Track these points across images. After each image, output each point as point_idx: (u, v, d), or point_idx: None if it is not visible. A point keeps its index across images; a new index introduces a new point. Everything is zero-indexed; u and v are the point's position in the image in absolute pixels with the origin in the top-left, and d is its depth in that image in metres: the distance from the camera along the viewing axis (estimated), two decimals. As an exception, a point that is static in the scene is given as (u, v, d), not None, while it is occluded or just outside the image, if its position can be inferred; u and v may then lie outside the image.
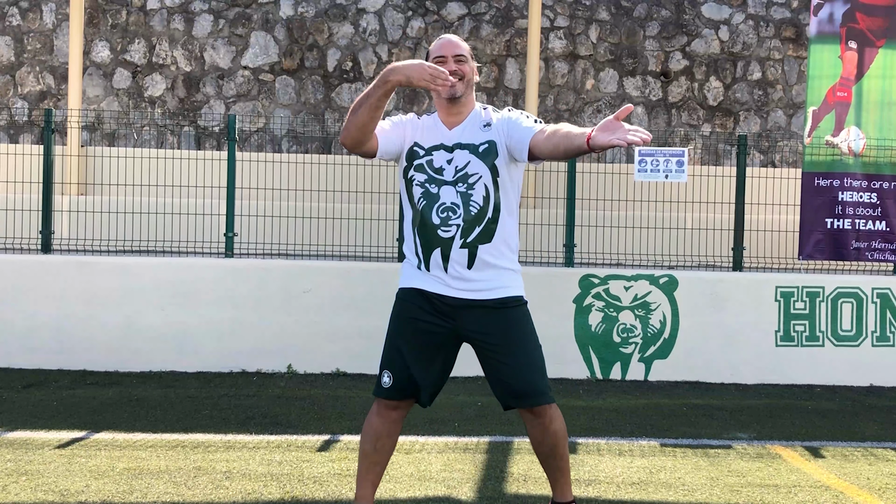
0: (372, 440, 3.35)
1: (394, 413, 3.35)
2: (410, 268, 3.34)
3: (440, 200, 3.21)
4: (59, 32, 10.07)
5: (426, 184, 3.24)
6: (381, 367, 3.34)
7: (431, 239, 3.23)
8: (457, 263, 3.22)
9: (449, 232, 3.21)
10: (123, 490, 4.07)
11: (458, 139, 3.27)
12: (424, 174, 3.24)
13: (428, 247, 3.25)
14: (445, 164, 3.24)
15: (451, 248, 3.22)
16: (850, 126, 7.50)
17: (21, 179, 7.67)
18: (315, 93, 10.18)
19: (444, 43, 3.33)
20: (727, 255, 7.70)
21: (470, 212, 3.21)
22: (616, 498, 4.19)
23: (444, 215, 3.21)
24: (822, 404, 6.52)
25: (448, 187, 3.22)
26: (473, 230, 3.22)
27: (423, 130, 3.32)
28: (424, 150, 3.27)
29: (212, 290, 7.12)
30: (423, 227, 3.24)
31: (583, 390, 6.73)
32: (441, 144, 3.27)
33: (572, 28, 10.33)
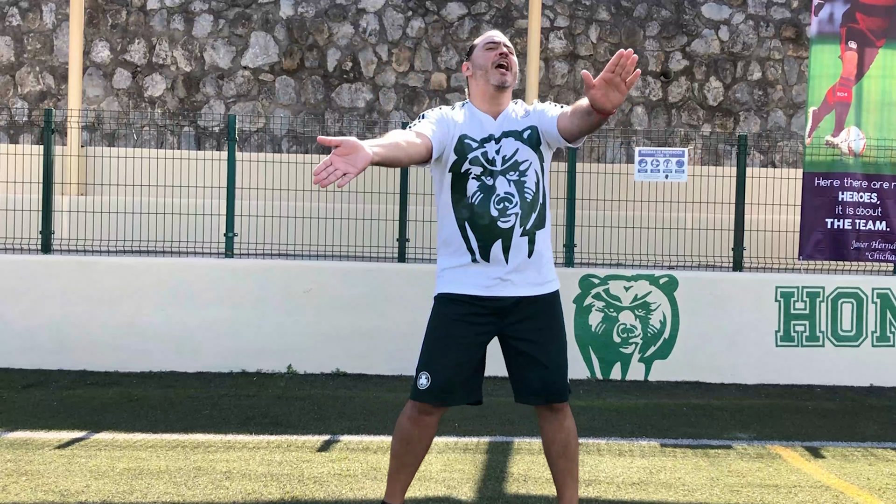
0: (403, 444, 3.29)
1: (427, 418, 3.26)
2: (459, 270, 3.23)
3: (496, 192, 3.17)
4: (59, 32, 10.07)
5: (482, 176, 3.18)
6: (419, 368, 3.23)
7: (490, 232, 3.17)
8: (518, 253, 3.19)
9: (508, 222, 3.17)
10: (123, 490, 4.07)
11: (503, 128, 3.25)
12: (480, 167, 3.19)
13: (486, 240, 3.18)
14: (496, 155, 3.20)
15: (511, 237, 3.17)
16: (851, 126, 7.50)
17: (21, 179, 7.67)
18: (315, 93, 10.18)
19: (496, 33, 3.35)
20: (727, 255, 7.69)
21: (526, 199, 3.19)
22: (616, 498, 4.19)
23: (502, 206, 3.16)
24: (822, 404, 6.52)
25: (501, 177, 3.18)
26: (530, 217, 3.21)
27: (468, 123, 3.26)
28: (476, 141, 3.22)
29: (212, 290, 7.12)
30: (480, 221, 3.17)
31: (583, 390, 6.73)
32: (490, 136, 3.24)
33: (572, 28, 10.33)
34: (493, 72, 3.25)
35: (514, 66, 3.30)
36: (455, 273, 3.25)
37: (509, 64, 3.26)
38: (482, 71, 3.27)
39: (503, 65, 3.24)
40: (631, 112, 10.35)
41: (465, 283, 3.22)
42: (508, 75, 3.25)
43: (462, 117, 3.28)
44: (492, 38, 3.33)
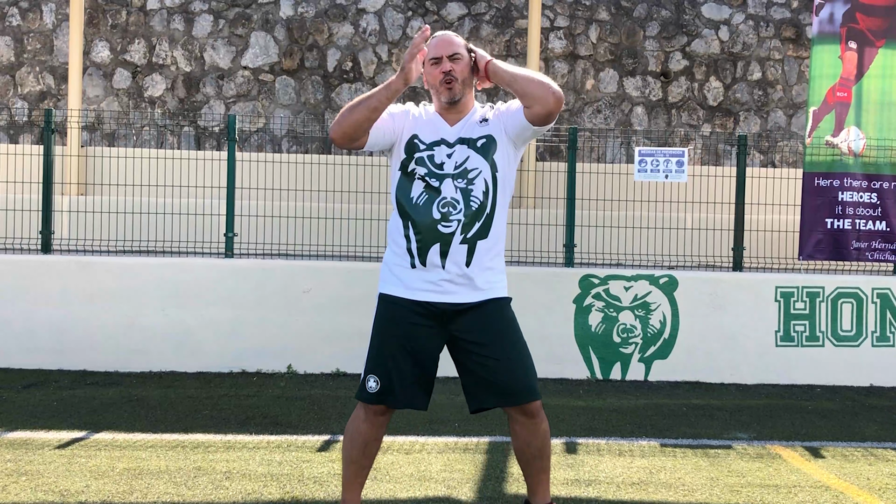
0: (360, 446, 3.30)
1: (381, 418, 3.29)
2: (400, 270, 3.24)
3: (441, 195, 3.17)
4: (59, 32, 10.07)
5: (427, 177, 3.19)
6: (367, 370, 3.27)
7: (430, 235, 3.17)
8: (455, 260, 3.17)
9: (449, 227, 3.16)
10: (123, 490, 4.07)
11: (458, 135, 3.26)
12: (425, 168, 3.20)
13: (425, 243, 3.18)
14: (446, 159, 3.21)
15: (450, 243, 3.17)
16: (850, 126, 7.50)
17: (21, 179, 7.67)
18: (315, 93, 10.18)
19: (438, 42, 3.29)
20: (727, 255, 7.70)
21: (471, 207, 3.18)
22: (616, 498, 4.19)
23: (445, 210, 3.16)
24: (822, 404, 6.52)
25: (448, 182, 3.18)
26: (473, 226, 3.19)
27: (423, 124, 3.29)
28: (426, 144, 3.24)
29: (212, 290, 7.12)
30: (422, 223, 3.18)
31: (583, 390, 6.73)
32: (442, 140, 3.24)
33: (572, 28, 10.33)
34: (442, 89, 3.25)
35: (463, 72, 3.25)
36: (397, 273, 3.26)
37: (455, 75, 3.24)
38: (432, 88, 3.30)
39: (448, 80, 3.23)
40: (631, 112, 10.36)
41: (405, 286, 3.23)
42: (456, 86, 3.24)
43: (422, 119, 3.31)
44: (435, 49, 3.28)
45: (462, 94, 3.27)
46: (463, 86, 3.27)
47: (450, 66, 3.24)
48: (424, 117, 3.32)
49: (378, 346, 3.28)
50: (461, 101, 3.28)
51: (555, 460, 4.76)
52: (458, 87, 3.25)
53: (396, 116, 3.30)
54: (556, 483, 4.36)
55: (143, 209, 7.62)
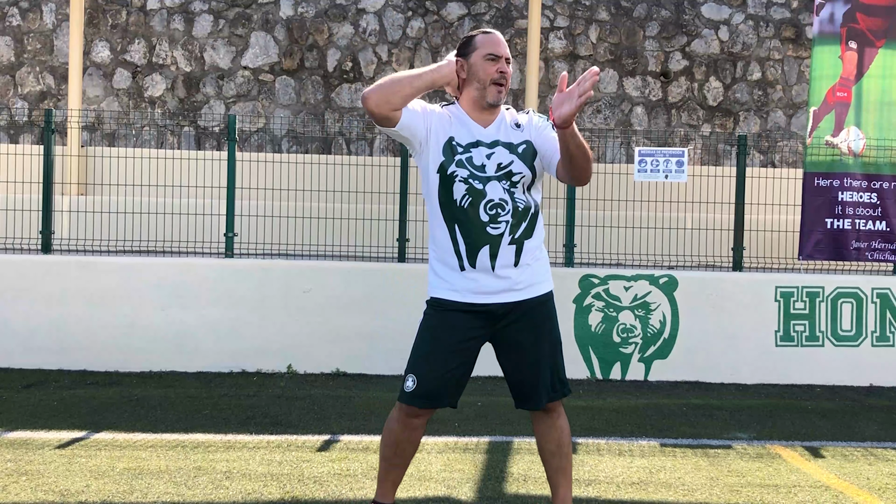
0: (392, 447, 3.29)
1: (416, 420, 3.26)
2: (448, 273, 3.22)
3: (487, 197, 3.14)
4: (59, 32, 10.07)
5: (470, 180, 3.15)
6: (407, 370, 3.23)
7: (478, 237, 3.15)
8: (504, 261, 3.16)
9: (498, 228, 3.14)
10: (124, 490, 4.07)
11: (496, 137, 3.22)
12: (466, 170, 3.16)
13: (474, 245, 3.15)
14: (486, 161, 3.16)
15: (499, 245, 3.15)
16: (850, 126, 7.50)
17: (21, 179, 7.67)
18: (315, 93, 10.18)
19: (498, 40, 3.24)
20: (727, 255, 7.70)
21: (518, 208, 3.16)
22: (616, 498, 4.19)
23: (493, 212, 3.13)
24: (822, 404, 6.52)
25: (494, 183, 3.15)
26: (520, 226, 3.18)
27: (456, 126, 3.23)
28: (462, 146, 3.19)
29: (212, 290, 7.12)
30: (469, 225, 3.15)
31: (583, 390, 6.73)
32: (479, 141, 3.20)
33: (572, 28, 10.33)
34: (491, 89, 3.20)
35: (510, 79, 3.26)
36: (446, 276, 3.23)
37: (507, 78, 3.22)
38: (479, 83, 3.21)
39: (502, 82, 3.20)
40: (631, 112, 10.36)
41: (455, 289, 3.21)
42: (504, 92, 3.23)
43: (452, 121, 3.24)
44: (494, 46, 3.22)
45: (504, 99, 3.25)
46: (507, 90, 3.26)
47: (506, 69, 3.21)
48: (454, 118, 3.26)
49: (424, 348, 3.23)
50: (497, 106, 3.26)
51: (555, 460, 4.76)
52: (505, 94, 3.24)
53: (430, 115, 3.23)
54: (556, 483, 4.36)
55: (143, 209, 7.62)
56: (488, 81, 3.19)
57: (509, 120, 3.28)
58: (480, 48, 3.22)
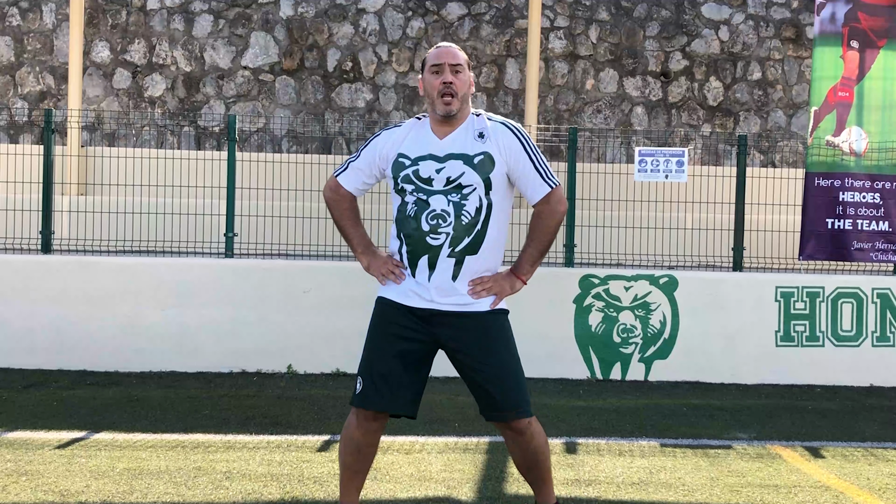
0: (353, 452, 3.27)
1: (374, 424, 3.24)
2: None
3: (430, 208, 3.14)
4: (59, 32, 10.07)
5: (416, 192, 3.17)
6: (358, 373, 3.26)
7: (419, 245, 3.16)
8: (442, 272, 3.15)
9: (438, 239, 3.14)
10: (123, 490, 4.07)
11: (450, 149, 3.19)
12: (412, 184, 3.17)
13: (415, 253, 3.18)
14: (434, 174, 3.15)
15: (438, 256, 3.15)
16: (852, 126, 7.49)
17: (21, 179, 7.66)
18: (315, 93, 10.18)
19: (443, 51, 3.23)
20: (727, 255, 7.69)
21: (461, 221, 3.13)
22: (616, 498, 4.19)
23: (434, 222, 3.13)
24: (822, 404, 6.51)
25: (439, 196, 3.14)
26: (462, 240, 3.14)
27: (410, 139, 3.25)
28: (410, 160, 3.19)
29: (212, 290, 7.11)
30: (412, 234, 3.17)
31: (583, 390, 6.73)
32: (430, 154, 3.18)
33: (572, 28, 10.33)
34: (438, 101, 3.18)
35: (463, 87, 3.20)
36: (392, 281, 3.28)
37: (455, 89, 3.17)
38: (429, 98, 3.23)
39: (448, 93, 3.17)
40: (631, 112, 10.36)
41: (397, 291, 3.25)
42: (454, 102, 3.17)
43: (410, 134, 3.28)
44: (437, 57, 3.23)
45: (457, 110, 3.20)
46: (461, 102, 3.20)
47: (451, 78, 3.18)
48: (414, 131, 3.28)
49: (368, 348, 3.29)
50: (456, 115, 3.22)
51: (555, 460, 4.76)
52: (456, 103, 3.18)
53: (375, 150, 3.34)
54: (557, 483, 4.35)
55: (143, 209, 7.62)
56: (434, 95, 3.19)
57: (474, 129, 3.23)
58: (427, 62, 3.26)
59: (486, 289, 3.19)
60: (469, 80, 3.25)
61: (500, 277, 3.25)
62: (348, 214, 3.49)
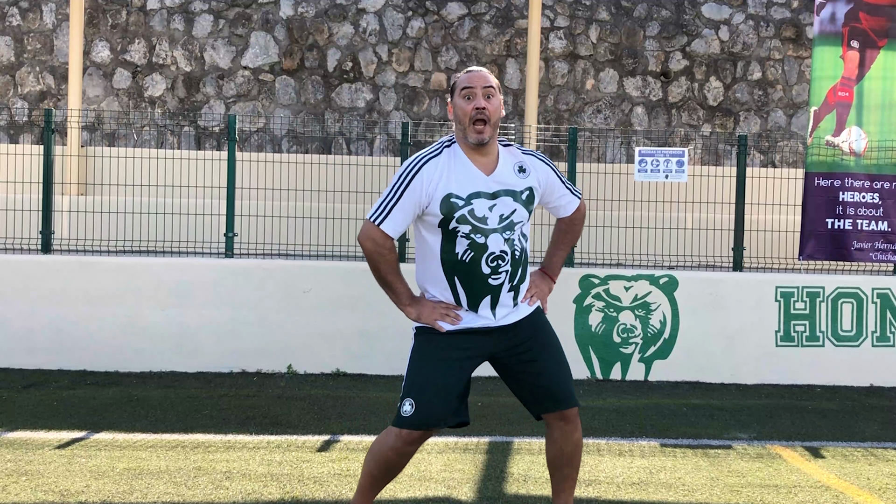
0: (384, 471, 3.20)
1: (411, 447, 3.14)
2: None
3: (489, 250, 3.08)
4: (59, 32, 10.07)
5: (472, 234, 3.07)
6: (405, 394, 3.13)
7: (481, 288, 3.12)
8: (504, 306, 3.17)
9: (499, 279, 3.11)
10: (123, 490, 4.07)
11: (499, 185, 3.11)
12: (469, 225, 3.06)
13: (476, 296, 3.13)
14: (488, 212, 3.07)
15: (500, 293, 3.14)
16: (852, 126, 7.49)
17: (21, 179, 7.67)
18: (315, 93, 10.18)
19: (474, 75, 3.12)
20: (727, 255, 7.69)
21: (516, 256, 3.14)
22: (616, 498, 4.19)
23: (495, 264, 3.09)
24: (822, 404, 6.51)
25: (496, 235, 3.08)
26: (518, 273, 3.17)
27: (454, 176, 3.09)
28: (463, 199, 3.06)
29: (212, 290, 7.12)
30: (470, 277, 3.10)
31: (583, 390, 6.73)
32: (480, 192, 3.08)
33: (572, 28, 10.33)
34: (470, 129, 3.07)
35: (495, 113, 3.10)
36: None
37: (488, 115, 3.06)
38: (461, 125, 3.10)
39: (481, 119, 3.06)
40: (631, 112, 10.36)
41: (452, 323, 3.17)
42: (486, 130, 3.06)
43: (447, 169, 3.09)
44: (469, 80, 3.11)
45: (490, 137, 3.08)
46: (493, 128, 3.09)
47: (483, 103, 3.06)
48: (454, 165, 3.12)
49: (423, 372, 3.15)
50: (489, 143, 3.11)
51: (555, 460, 4.76)
52: (489, 130, 3.07)
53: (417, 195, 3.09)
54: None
55: (143, 209, 7.62)
56: (467, 122, 3.07)
57: (512, 163, 3.18)
58: (458, 86, 3.13)
59: (532, 297, 3.29)
60: (501, 103, 3.15)
61: (538, 281, 3.38)
62: (393, 266, 3.25)
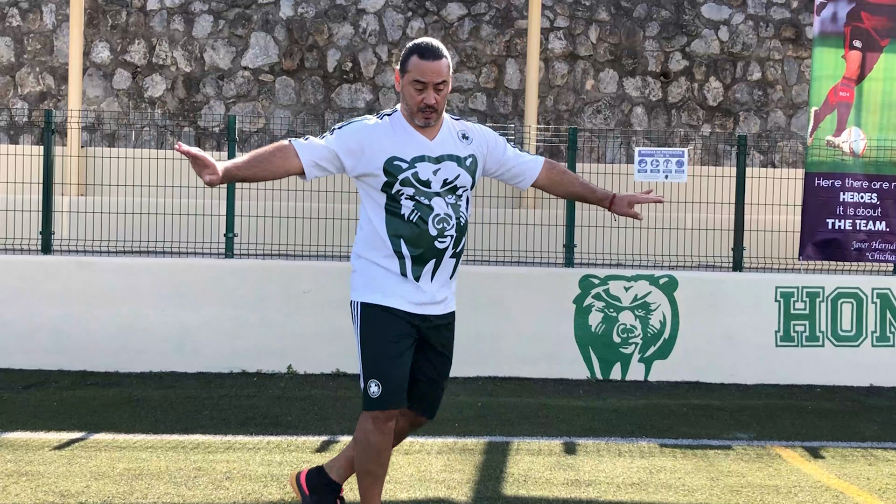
0: (375, 458, 3.26)
1: (389, 424, 3.25)
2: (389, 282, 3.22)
3: (434, 212, 3.17)
4: (59, 33, 10.07)
5: (416, 196, 3.17)
6: (367, 377, 3.21)
7: (428, 250, 3.19)
8: (443, 273, 3.25)
9: (444, 242, 3.21)
10: (123, 491, 4.08)
11: (442, 150, 3.23)
12: (412, 188, 3.16)
13: (422, 258, 3.20)
14: (432, 176, 3.18)
15: (443, 258, 3.22)
16: (852, 126, 7.49)
17: (21, 180, 7.66)
18: (315, 93, 10.18)
19: (428, 67, 3.12)
20: (727, 255, 7.69)
21: (459, 222, 3.24)
22: (616, 499, 4.19)
23: (441, 226, 3.19)
24: (822, 404, 6.51)
25: (439, 199, 3.19)
26: (461, 240, 3.27)
27: (398, 140, 3.20)
28: (407, 162, 3.17)
29: (212, 290, 7.11)
30: (419, 240, 3.17)
31: (583, 390, 6.73)
32: (424, 155, 3.19)
33: (572, 28, 10.33)
34: (418, 115, 3.19)
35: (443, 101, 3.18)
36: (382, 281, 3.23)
37: (437, 107, 3.16)
38: (407, 106, 3.20)
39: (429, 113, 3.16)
40: (631, 112, 10.36)
41: (394, 296, 3.23)
42: (433, 116, 3.18)
43: (390, 133, 3.20)
44: (422, 73, 3.12)
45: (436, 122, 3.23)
46: (440, 114, 3.22)
47: (433, 99, 3.14)
48: (397, 131, 3.22)
49: (379, 350, 3.22)
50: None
51: (554, 461, 4.77)
52: (435, 117, 3.20)
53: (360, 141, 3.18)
54: (556, 483, 4.37)
55: (143, 209, 7.62)
56: (415, 109, 3.18)
57: (456, 130, 3.30)
58: (411, 72, 3.15)
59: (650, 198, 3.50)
60: (449, 88, 3.22)
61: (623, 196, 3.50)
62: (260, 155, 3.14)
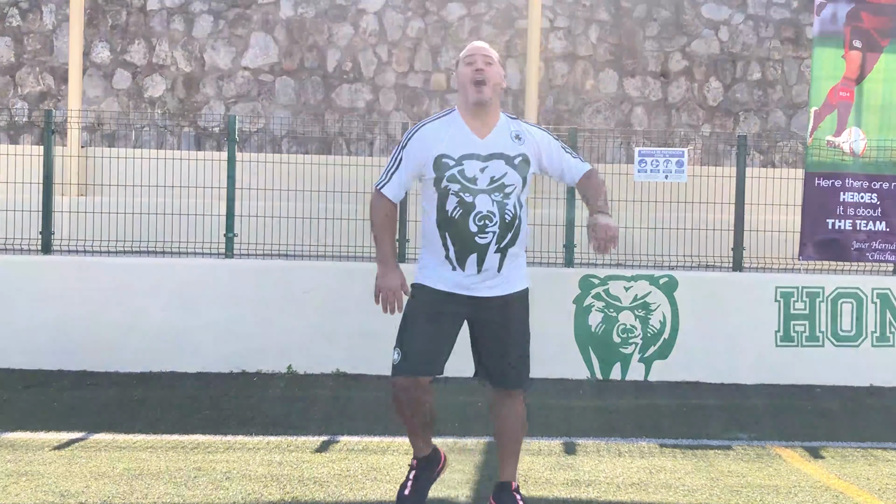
0: (409, 411, 3.44)
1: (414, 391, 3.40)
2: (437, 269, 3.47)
3: (476, 209, 3.35)
4: (59, 33, 10.07)
5: (461, 192, 3.35)
6: (396, 345, 3.44)
7: (468, 245, 3.38)
8: (490, 266, 3.42)
9: (485, 238, 3.37)
10: (123, 491, 4.08)
11: (492, 149, 3.40)
12: (458, 184, 3.35)
13: (463, 252, 3.39)
14: (479, 173, 3.36)
15: (486, 253, 3.38)
16: (852, 127, 7.49)
17: (21, 180, 7.66)
18: (315, 93, 10.18)
19: (474, 46, 3.49)
20: (727, 255, 7.69)
21: (505, 219, 3.38)
22: (616, 499, 4.19)
23: (482, 223, 3.35)
24: (822, 404, 6.51)
25: (483, 196, 3.35)
26: (506, 236, 3.40)
27: (447, 139, 3.40)
28: (454, 160, 3.37)
29: (212, 290, 7.11)
30: (459, 234, 3.37)
31: (583, 390, 6.73)
32: (473, 154, 3.38)
33: (572, 28, 10.33)
34: (471, 88, 3.39)
35: (494, 77, 3.41)
36: (435, 271, 3.47)
37: (486, 77, 3.38)
38: (462, 88, 3.45)
39: (479, 80, 3.37)
40: (631, 112, 10.35)
41: (442, 281, 3.46)
42: (486, 90, 3.38)
43: (444, 133, 3.42)
44: (469, 51, 3.47)
45: (490, 100, 3.39)
46: (493, 92, 3.40)
47: (482, 66, 3.38)
48: (451, 130, 3.43)
49: (407, 324, 3.45)
50: (488, 106, 3.41)
51: (554, 461, 4.77)
52: (488, 91, 3.38)
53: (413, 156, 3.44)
54: (556, 483, 4.36)
55: (143, 209, 7.61)
56: (466, 83, 3.40)
57: (510, 130, 3.46)
58: (463, 58, 3.49)
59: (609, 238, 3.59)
60: (501, 73, 3.46)
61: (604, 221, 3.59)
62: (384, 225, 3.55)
